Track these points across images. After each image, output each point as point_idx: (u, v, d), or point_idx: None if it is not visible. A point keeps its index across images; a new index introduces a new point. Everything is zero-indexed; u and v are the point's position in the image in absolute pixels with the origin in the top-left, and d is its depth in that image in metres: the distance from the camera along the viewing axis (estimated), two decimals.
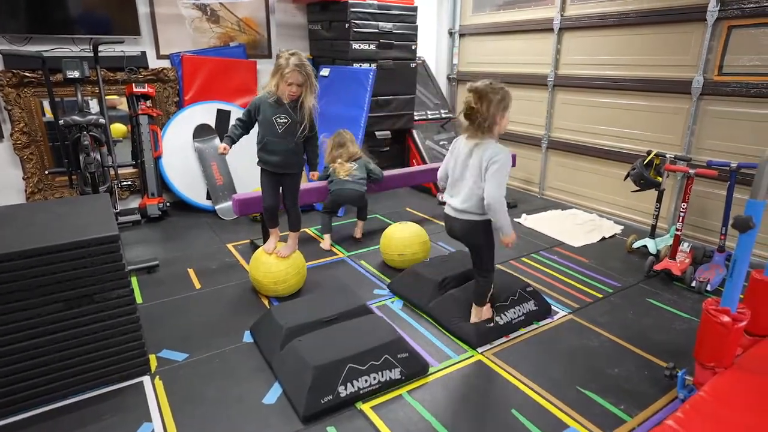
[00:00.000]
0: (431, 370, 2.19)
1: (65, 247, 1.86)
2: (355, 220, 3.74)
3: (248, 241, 3.58)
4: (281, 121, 2.63)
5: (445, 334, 2.47)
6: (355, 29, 4.23)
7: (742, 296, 2.16)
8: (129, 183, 3.89)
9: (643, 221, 3.96)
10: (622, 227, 3.98)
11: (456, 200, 2.28)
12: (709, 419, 1.60)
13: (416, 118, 4.99)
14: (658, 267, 3.07)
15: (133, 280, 2.99)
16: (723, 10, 3.25)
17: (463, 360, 2.27)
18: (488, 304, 2.44)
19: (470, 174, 2.20)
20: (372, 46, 4.35)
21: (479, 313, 2.42)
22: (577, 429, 1.87)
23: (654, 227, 3.42)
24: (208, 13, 4.32)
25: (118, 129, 4.35)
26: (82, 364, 1.98)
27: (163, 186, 4.15)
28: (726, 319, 1.73)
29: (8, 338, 1.83)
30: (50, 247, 1.83)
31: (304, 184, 3.30)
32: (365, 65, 4.35)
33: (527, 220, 4.11)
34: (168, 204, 4.12)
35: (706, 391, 1.70)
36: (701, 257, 3.26)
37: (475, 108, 2.11)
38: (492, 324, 2.43)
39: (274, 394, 2.03)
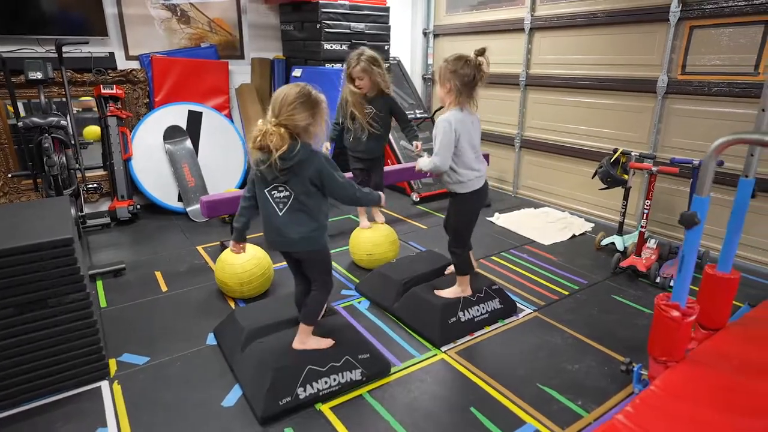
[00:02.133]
0: (393, 369, 2.19)
1: (16, 250, 1.83)
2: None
3: (218, 243, 3.56)
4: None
5: (410, 333, 2.48)
6: (326, 29, 4.23)
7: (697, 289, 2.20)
8: (95, 186, 3.82)
9: (613, 219, 4.01)
10: (593, 225, 4.03)
11: (484, 166, 2.39)
12: (659, 412, 1.62)
13: None
14: (624, 264, 3.11)
15: (99, 284, 2.95)
16: (684, 10, 3.30)
17: (426, 359, 2.27)
18: None
19: (478, 137, 2.38)
20: (344, 47, 4.35)
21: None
22: (534, 425, 1.88)
23: (621, 224, 3.46)
24: (178, 13, 4.28)
25: (94, 131, 4.30)
26: (36, 370, 1.95)
27: (134, 188, 4.10)
28: (676, 313, 1.76)
29: None
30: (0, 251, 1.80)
31: None
32: (337, 65, 4.34)
33: (500, 219, 4.14)
34: (139, 206, 4.07)
35: (656, 385, 1.72)
36: (667, 254, 3.31)
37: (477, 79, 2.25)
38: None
39: (234, 397, 2.02)
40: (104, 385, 2.08)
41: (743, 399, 1.66)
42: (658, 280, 2.98)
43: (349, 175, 3.27)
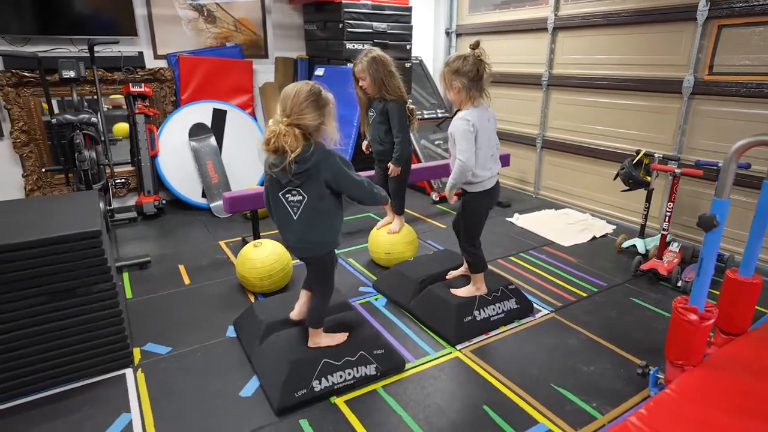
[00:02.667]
0: (408, 366, 2.21)
1: (47, 241, 1.91)
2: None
3: (240, 238, 3.63)
4: None
5: (425, 331, 2.50)
6: (348, 29, 4.27)
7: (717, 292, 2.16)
8: (123, 180, 3.95)
9: (636, 221, 3.95)
10: (614, 227, 3.98)
11: (497, 166, 2.40)
12: (673, 415, 1.61)
13: None
14: (644, 266, 3.07)
15: (125, 276, 3.05)
16: (713, 9, 3.23)
17: (441, 357, 2.29)
18: None
19: (495, 135, 2.38)
20: (366, 46, 4.37)
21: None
22: (547, 425, 1.88)
23: (643, 227, 3.41)
24: (205, 13, 4.37)
25: (123, 128, 4.44)
26: (64, 356, 2.03)
27: (160, 184, 4.21)
28: (693, 317, 1.74)
29: None
30: (32, 242, 1.88)
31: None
32: None
33: (519, 220, 4.12)
34: (164, 202, 4.18)
35: (672, 389, 1.71)
36: (690, 257, 3.25)
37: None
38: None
39: (251, 388, 2.07)
40: (128, 372, 2.16)
41: (759, 404, 1.64)
42: (679, 284, 2.93)
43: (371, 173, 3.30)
